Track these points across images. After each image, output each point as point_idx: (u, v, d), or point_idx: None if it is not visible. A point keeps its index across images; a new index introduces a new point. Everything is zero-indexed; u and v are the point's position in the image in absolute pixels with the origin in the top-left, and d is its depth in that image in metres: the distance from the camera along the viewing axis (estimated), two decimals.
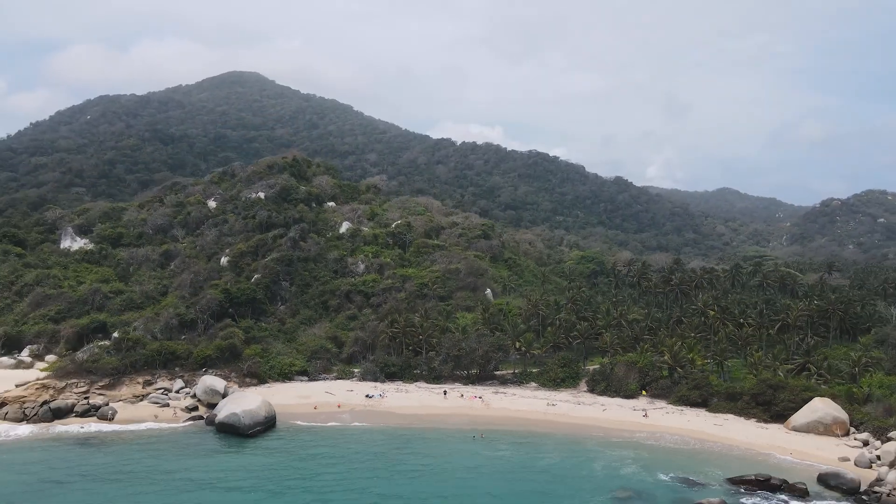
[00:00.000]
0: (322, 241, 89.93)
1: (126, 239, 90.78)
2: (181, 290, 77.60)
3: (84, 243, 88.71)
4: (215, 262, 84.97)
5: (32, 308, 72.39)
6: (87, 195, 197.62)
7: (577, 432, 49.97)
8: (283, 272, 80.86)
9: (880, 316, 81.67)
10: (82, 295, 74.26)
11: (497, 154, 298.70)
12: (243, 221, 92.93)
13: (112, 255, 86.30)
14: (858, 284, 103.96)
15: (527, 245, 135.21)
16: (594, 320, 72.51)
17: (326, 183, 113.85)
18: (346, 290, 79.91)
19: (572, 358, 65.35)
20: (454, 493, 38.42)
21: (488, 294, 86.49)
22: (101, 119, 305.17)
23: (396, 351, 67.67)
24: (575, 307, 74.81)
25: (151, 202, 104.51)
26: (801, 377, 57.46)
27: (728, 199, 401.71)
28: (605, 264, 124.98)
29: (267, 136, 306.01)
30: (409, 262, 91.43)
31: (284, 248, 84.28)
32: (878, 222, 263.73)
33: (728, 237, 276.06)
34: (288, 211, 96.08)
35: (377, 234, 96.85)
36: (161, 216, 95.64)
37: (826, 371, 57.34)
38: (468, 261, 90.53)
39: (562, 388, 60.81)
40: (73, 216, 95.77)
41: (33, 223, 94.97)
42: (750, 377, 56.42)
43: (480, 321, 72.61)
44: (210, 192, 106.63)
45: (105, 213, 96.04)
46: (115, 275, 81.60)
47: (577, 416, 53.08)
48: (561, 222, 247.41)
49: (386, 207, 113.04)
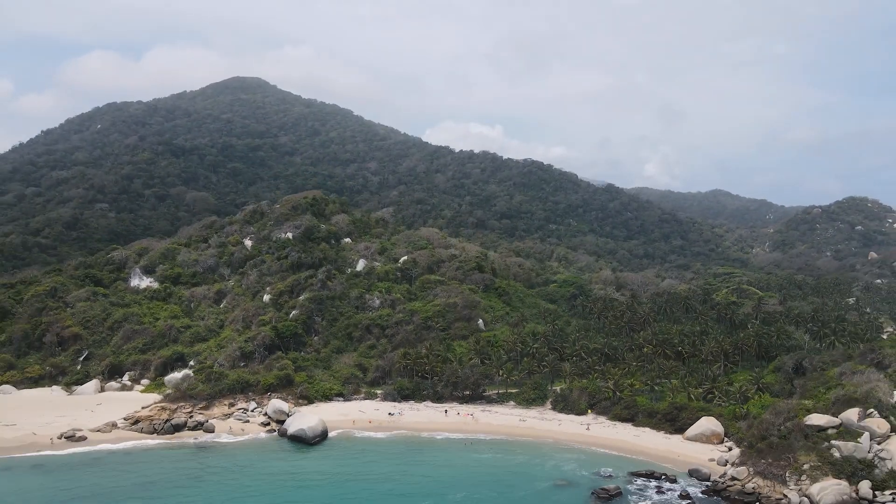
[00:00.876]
0: (344, 279, 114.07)
1: (183, 278, 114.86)
2: (235, 324, 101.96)
3: (150, 282, 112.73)
4: (259, 299, 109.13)
5: (124, 341, 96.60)
6: (110, 211, 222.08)
7: (538, 441, 74.41)
8: (315, 309, 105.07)
9: (794, 344, 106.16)
10: (161, 330, 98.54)
11: (494, 162, 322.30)
12: (278, 262, 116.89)
13: (175, 292, 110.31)
14: (786, 313, 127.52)
15: (517, 267, 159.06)
16: (562, 350, 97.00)
17: (343, 220, 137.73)
18: (367, 324, 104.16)
19: (541, 381, 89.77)
20: (453, 478, 62.79)
21: (480, 324, 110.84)
22: (112, 129, 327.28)
23: (408, 376, 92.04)
24: (547, 340, 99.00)
25: (196, 242, 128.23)
26: (708, 399, 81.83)
27: (720, 201, 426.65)
28: (584, 287, 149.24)
29: (271, 145, 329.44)
30: (416, 296, 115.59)
31: (315, 287, 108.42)
32: (856, 230, 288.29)
33: (714, 243, 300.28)
34: (313, 251, 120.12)
35: (388, 270, 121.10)
36: (209, 256, 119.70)
37: (723, 395, 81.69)
38: (464, 295, 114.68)
39: (532, 406, 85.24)
40: (136, 257, 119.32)
41: (104, 262, 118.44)
42: (666, 400, 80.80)
43: (473, 351, 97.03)
44: (245, 232, 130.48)
45: (162, 255, 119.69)
46: (182, 311, 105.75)
47: (539, 429, 77.51)
48: (554, 231, 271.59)
49: (394, 242, 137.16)
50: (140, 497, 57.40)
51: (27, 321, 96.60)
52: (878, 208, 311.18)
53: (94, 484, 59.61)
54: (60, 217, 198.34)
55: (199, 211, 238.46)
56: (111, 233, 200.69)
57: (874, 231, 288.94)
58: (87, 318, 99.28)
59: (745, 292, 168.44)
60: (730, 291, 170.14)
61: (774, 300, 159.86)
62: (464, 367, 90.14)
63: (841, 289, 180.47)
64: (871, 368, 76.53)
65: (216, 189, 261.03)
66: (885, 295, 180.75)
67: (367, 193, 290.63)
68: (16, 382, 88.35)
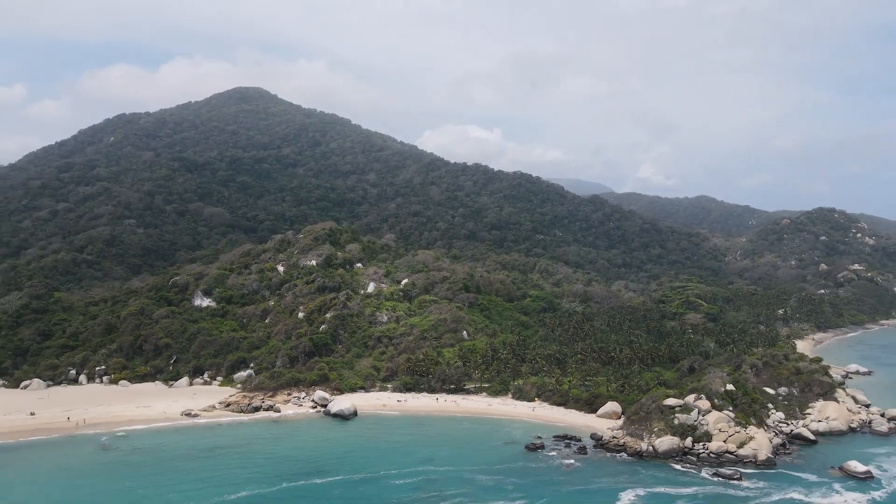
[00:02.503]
0: (359, 300, 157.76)
1: (234, 299, 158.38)
2: (279, 336, 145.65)
3: (209, 302, 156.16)
4: (295, 315, 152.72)
5: (200, 348, 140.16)
6: (138, 227, 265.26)
7: (499, 418, 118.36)
8: (339, 324, 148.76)
9: (703, 350, 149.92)
10: (226, 340, 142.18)
11: (485, 175, 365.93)
12: (307, 286, 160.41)
13: (230, 310, 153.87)
14: (703, 325, 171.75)
15: (499, 284, 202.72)
16: (523, 355, 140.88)
17: (355, 248, 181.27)
18: (378, 335, 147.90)
19: (506, 378, 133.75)
20: (442, 438, 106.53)
21: (464, 335, 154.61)
22: (125, 141, 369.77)
23: (410, 374, 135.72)
24: (512, 348, 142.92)
25: (239, 268, 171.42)
26: (621, 391, 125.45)
27: (705, 207, 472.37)
28: (553, 302, 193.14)
29: (275, 156, 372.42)
30: (415, 313, 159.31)
31: (338, 307, 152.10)
32: (820, 240, 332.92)
33: (690, 252, 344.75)
34: (333, 276, 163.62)
35: (393, 291, 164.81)
36: (252, 281, 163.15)
37: (631, 388, 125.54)
38: (452, 312, 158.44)
39: (498, 396, 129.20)
40: (195, 281, 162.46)
41: (170, 286, 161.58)
42: (591, 391, 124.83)
43: (457, 356, 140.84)
44: (277, 259, 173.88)
45: (215, 279, 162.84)
46: (238, 325, 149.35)
47: (501, 411, 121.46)
48: (540, 241, 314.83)
49: (396, 266, 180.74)
50: (245, 446, 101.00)
51: (130, 333, 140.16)
52: (844, 219, 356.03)
53: (216, 439, 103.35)
54: (100, 235, 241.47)
55: (216, 225, 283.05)
56: (143, 248, 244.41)
57: (837, 241, 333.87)
58: (171, 330, 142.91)
59: (692, 304, 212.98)
60: (680, 303, 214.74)
61: (714, 311, 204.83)
62: (450, 368, 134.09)
63: (778, 300, 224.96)
64: (727, 368, 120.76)
65: (228, 203, 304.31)
66: (816, 306, 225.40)
67: (367, 205, 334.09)
68: (129, 379, 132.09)
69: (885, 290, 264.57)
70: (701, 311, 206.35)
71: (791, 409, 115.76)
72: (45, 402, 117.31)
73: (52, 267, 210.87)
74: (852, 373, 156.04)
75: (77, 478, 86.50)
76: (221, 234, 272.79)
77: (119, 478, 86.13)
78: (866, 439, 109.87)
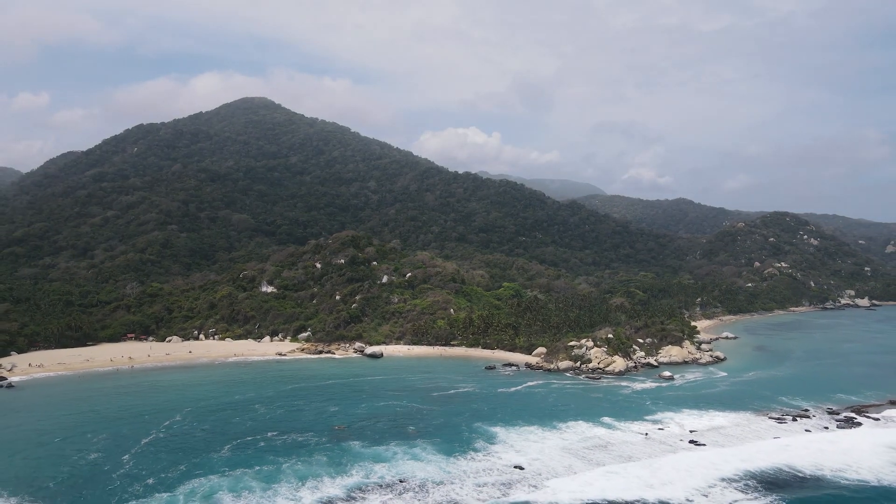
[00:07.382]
0: (377, 287, 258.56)
1: (289, 286, 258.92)
2: (324, 311, 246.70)
3: (272, 290, 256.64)
4: (333, 298, 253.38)
5: (273, 319, 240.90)
6: (181, 232, 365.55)
7: (472, 357, 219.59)
8: (365, 304, 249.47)
9: (616, 319, 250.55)
10: (290, 313, 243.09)
11: (475, 182, 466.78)
12: (340, 277, 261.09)
13: (288, 295, 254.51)
14: (628, 305, 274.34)
15: (479, 278, 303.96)
16: (490, 323, 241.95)
17: (371, 251, 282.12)
18: (392, 311, 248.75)
19: (479, 337, 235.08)
20: (438, 367, 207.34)
21: (451, 311, 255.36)
22: (148, 152, 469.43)
23: (414, 335, 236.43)
24: (483, 320, 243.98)
25: (288, 265, 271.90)
26: (552, 341, 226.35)
27: (682, 209, 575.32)
28: (520, 292, 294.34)
29: (284, 165, 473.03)
30: (416, 296, 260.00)
31: (363, 292, 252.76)
32: (769, 241, 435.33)
33: (656, 251, 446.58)
34: (357, 271, 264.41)
35: (400, 282, 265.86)
36: (300, 274, 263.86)
37: (555, 340, 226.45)
38: (443, 296, 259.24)
39: (472, 347, 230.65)
40: (259, 274, 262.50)
41: (241, 277, 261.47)
42: (531, 342, 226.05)
43: (446, 324, 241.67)
44: (315, 259, 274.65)
45: (273, 272, 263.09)
46: (295, 304, 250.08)
47: (474, 354, 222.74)
48: (521, 242, 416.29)
49: (402, 263, 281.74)
50: (319, 369, 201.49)
51: (227, 308, 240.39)
52: (795, 222, 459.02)
53: (299, 365, 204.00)
54: (156, 238, 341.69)
55: (243, 230, 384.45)
56: (190, 250, 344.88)
57: (784, 242, 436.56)
58: (252, 306, 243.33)
59: (631, 293, 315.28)
60: (622, 293, 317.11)
61: (645, 298, 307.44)
62: (441, 331, 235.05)
63: (703, 291, 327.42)
64: (618, 328, 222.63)
65: (250, 210, 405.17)
66: (732, 295, 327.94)
67: (369, 210, 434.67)
68: (231, 337, 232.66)
69: (801, 284, 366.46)
70: (636, 298, 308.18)
71: (651, 350, 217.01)
72: (191, 346, 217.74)
73: (125, 265, 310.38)
74: (722, 338, 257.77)
75: (237, 375, 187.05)
76: (248, 237, 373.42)
77: (257, 378, 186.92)
78: (689, 367, 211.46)
